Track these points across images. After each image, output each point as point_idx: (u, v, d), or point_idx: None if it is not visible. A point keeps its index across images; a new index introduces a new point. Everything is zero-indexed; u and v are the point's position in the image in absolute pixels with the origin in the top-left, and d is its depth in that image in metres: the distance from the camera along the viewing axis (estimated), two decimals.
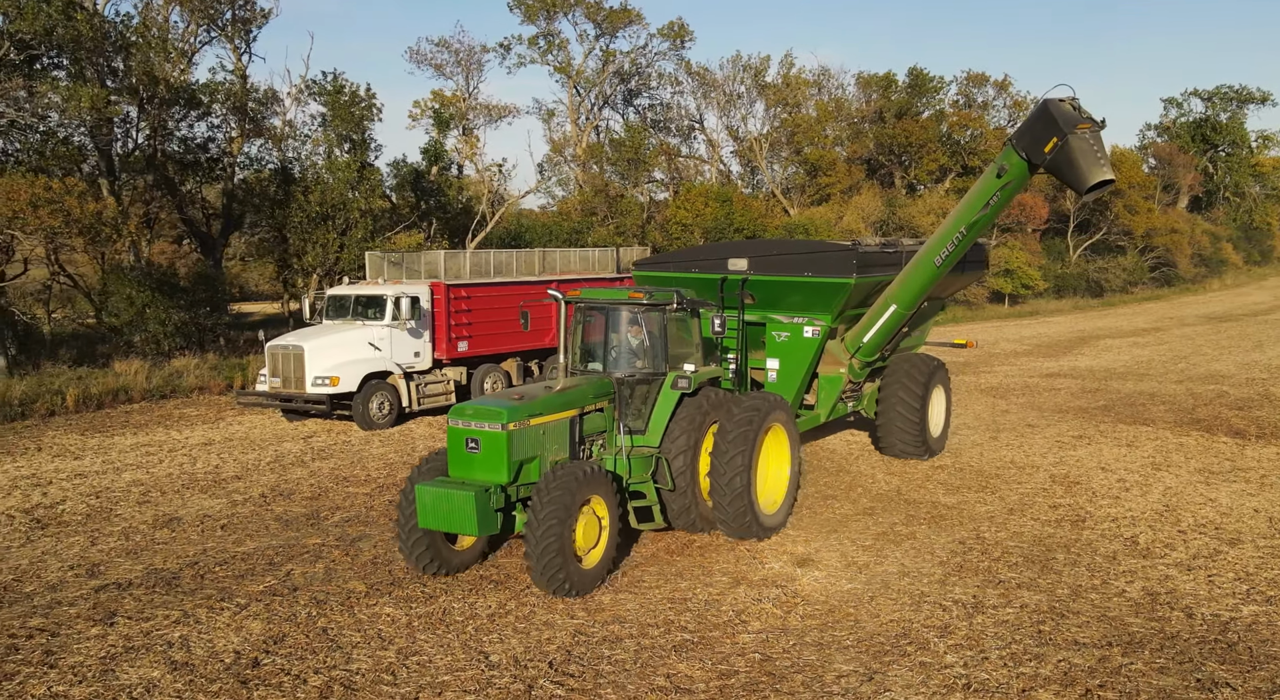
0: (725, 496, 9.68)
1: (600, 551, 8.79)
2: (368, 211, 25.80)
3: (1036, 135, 10.38)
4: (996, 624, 8.17)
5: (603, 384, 9.76)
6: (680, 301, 10.02)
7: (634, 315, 10.05)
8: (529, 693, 7.02)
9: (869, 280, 12.39)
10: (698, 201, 40.87)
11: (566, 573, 8.28)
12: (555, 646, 7.79)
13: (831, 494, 12.38)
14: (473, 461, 8.58)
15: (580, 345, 10.30)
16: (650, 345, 10.04)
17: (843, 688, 7.06)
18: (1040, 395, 20.25)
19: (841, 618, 8.36)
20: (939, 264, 11.81)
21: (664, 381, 9.86)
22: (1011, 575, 9.35)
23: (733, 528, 9.92)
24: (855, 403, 14.25)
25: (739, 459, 9.61)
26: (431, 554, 8.84)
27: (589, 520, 8.61)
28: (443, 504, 8.28)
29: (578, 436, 9.40)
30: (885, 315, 12.63)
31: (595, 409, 9.63)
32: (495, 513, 8.43)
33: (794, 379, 12.89)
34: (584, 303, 10.25)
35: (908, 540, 10.45)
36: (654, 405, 9.85)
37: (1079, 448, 14.96)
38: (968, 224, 11.36)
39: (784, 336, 12.88)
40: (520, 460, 8.68)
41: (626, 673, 7.34)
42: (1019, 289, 50.02)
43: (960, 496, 12.22)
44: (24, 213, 17.15)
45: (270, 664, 7.42)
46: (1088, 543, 10.30)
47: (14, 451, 14.94)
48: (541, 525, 8.08)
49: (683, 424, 9.74)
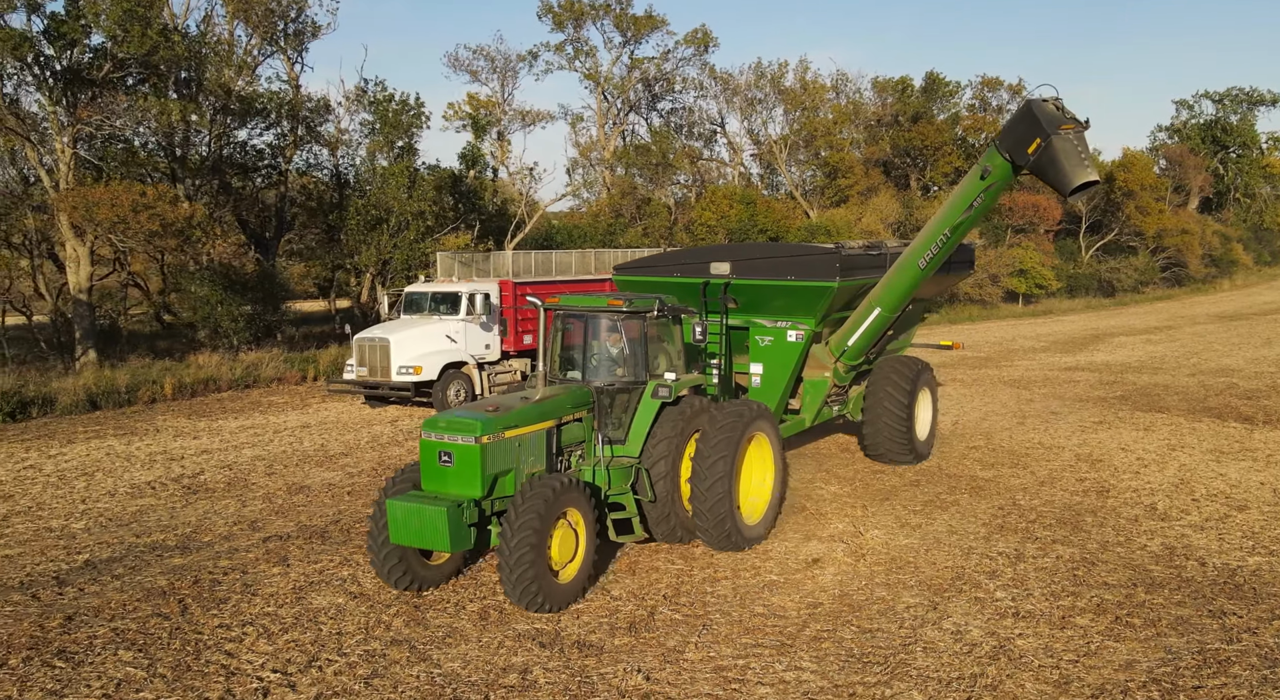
0: (705, 503, 9.47)
1: (577, 565, 8.54)
2: (420, 214, 27.31)
3: (1020, 136, 10.22)
4: (1037, 570, 9.59)
5: (581, 393, 9.49)
6: (661, 308, 9.78)
7: (613, 323, 9.80)
8: (651, 617, 8.47)
9: (852, 283, 12.18)
10: (722, 203, 42.31)
11: (541, 588, 8.03)
12: (665, 585, 9.24)
13: (879, 469, 13.80)
14: (446, 475, 8.29)
15: (560, 353, 10.03)
16: (630, 353, 9.79)
17: (913, 615, 8.48)
18: (1061, 386, 21.62)
19: (903, 564, 9.79)
20: (923, 266, 11.64)
21: (644, 390, 9.64)
22: (1046, 534, 10.75)
23: (713, 537, 9.69)
24: (841, 406, 13.95)
25: (720, 465, 9.42)
26: (404, 569, 8.53)
27: (565, 533, 8.37)
28: (415, 519, 8.01)
29: (555, 448, 9.16)
30: (870, 318, 12.45)
31: (574, 419, 9.38)
32: (469, 528, 8.17)
33: (778, 383, 12.67)
34: (563, 310, 9.98)
35: (952, 506, 11.87)
36: (634, 414, 9.62)
37: (1100, 431, 16.35)
38: (952, 226, 11.20)
39: (767, 341, 12.67)
40: (495, 473, 8.42)
41: (729, 603, 8.78)
42: (1033, 289, 51.21)
43: (995, 471, 13.63)
44: (128, 218, 18.71)
45: (430, 594, 8.90)
46: (1112, 509, 11.70)
47: (137, 432, 16.52)
48: (515, 540, 7.83)
49: (663, 433, 9.49)
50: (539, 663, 7.51)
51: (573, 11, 42.95)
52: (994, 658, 7.61)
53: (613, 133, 45.74)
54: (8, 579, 9.50)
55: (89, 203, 18.75)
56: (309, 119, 29.17)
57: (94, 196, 18.88)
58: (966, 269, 15.30)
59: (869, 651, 7.77)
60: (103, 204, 18.51)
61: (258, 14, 25.19)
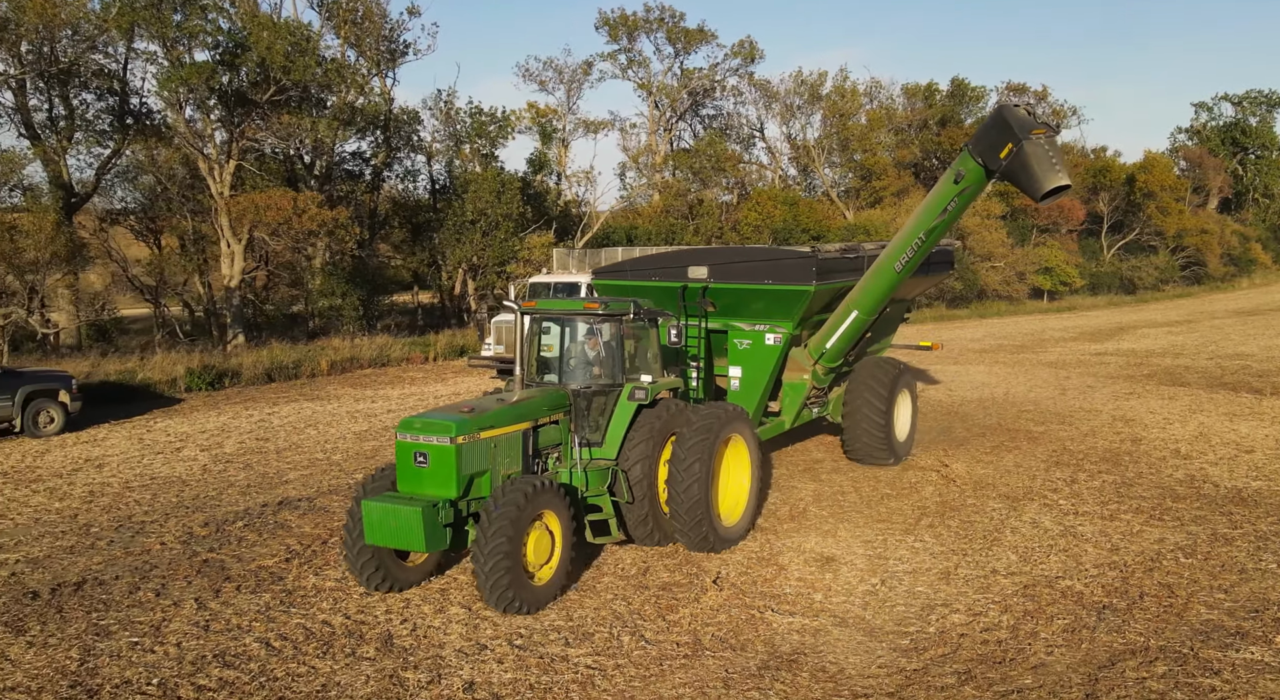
0: (682, 506, 9.48)
1: (553, 567, 8.55)
2: (508, 216, 30.41)
3: (992, 141, 10.30)
4: (1088, 488, 12.52)
5: (558, 396, 9.49)
6: (637, 311, 9.78)
7: (589, 326, 9.81)
8: (804, 513, 11.47)
9: (829, 287, 12.25)
10: (767, 204, 45.26)
11: (516, 590, 8.06)
12: (807, 495, 12.25)
13: (949, 425, 16.74)
14: (421, 476, 8.31)
15: (537, 356, 10.03)
16: (606, 356, 9.80)
17: (998, 514, 11.44)
18: (1093, 367, 24.45)
19: (984, 485, 12.74)
20: (899, 270, 11.75)
21: (621, 393, 9.66)
22: (1093, 466, 13.68)
23: (690, 539, 9.70)
24: (821, 408, 13.99)
25: (696, 467, 9.43)
26: (379, 570, 8.59)
27: (540, 536, 8.37)
28: (389, 520, 8.05)
29: (532, 449, 9.18)
30: (847, 321, 12.52)
31: (550, 422, 9.40)
32: (444, 528, 8.21)
33: (757, 386, 12.73)
34: (539, 313, 9.94)
35: (1015, 450, 14.81)
36: (611, 417, 9.62)
37: (1131, 399, 19.22)
38: (926, 230, 11.27)
39: (746, 344, 12.73)
40: (470, 474, 8.44)
41: (856, 506, 11.78)
42: (1057, 286, 53.80)
43: (1046, 427, 16.55)
44: (291, 219, 21.84)
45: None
46: (1144, 451, 14.61)
47: (322, 398, 19.78)
48: (490, 543, 7.86)
49: (640, 436, 9.49)
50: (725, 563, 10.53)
51: (628, 24, 46.00)
52: (1062, 536, 10.57)
53: (663, 138, 48.75)
54: (326, 486, 12.75)
55: (257, 207, 21.90)
56: (405, 130, 32.34)
57: (261, 201, 22.03)
58: (945, 270, 15.44)
59: (970, 533, 10.74)
60: (270, 208, 21.65)
61: (371, 40, 28.34)
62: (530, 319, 9.94)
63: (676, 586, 9.15)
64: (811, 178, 57.23)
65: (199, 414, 18.22)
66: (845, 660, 7.63)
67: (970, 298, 50.16)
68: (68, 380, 16.21)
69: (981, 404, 18.71)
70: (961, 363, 25.80)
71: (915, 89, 58.19)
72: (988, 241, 50.86)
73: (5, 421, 15.49)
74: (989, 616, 8.43)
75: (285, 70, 21.49)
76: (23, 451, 14.99)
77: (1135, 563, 9.70)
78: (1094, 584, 9.14)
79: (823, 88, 52.37)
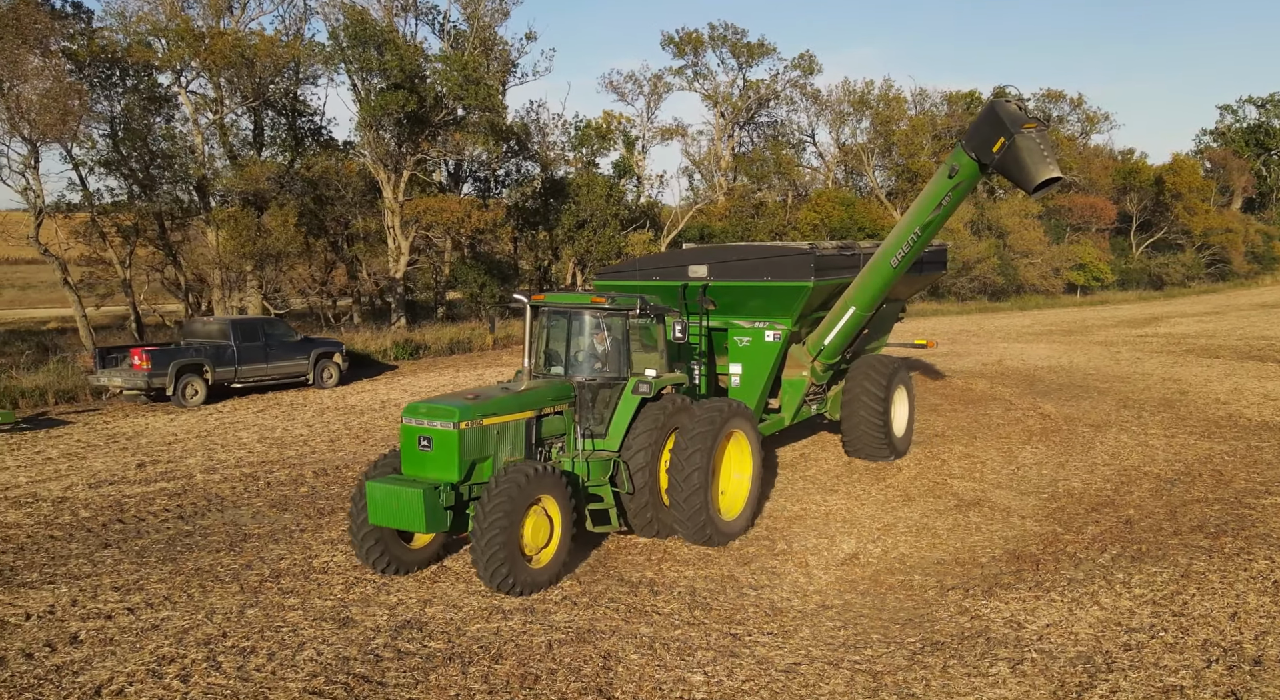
0: (681, 494, 9.56)
1: (552, 551, 8.71)
2: (615, 215, 34.66)
3: (985, 136, 10.41)
4: (1152, 420, 16.58)
5: (563, 387, 9.68)
6: (644, 307, 9.89)
7: (596, 320, 9.97)
8: (943, 435, 15.60)
9: (827, 283, 12.40)
10: (825, 205, 49.32)
11: (512, 571, 8.24)
12: (940, 423, 16.38)
13: (1032, 383, 20.80)
14: (425, 459, 8.54)
15: (544, 349, 10.17)
16: (612, 350, 9.96)
17: (1087, 436, 15.51)
18: (1137, 346, 28.43)
19: (1072, 419, 16.79)
20: (895, 265, 11.86)
21: (625, 386, 9.82)
22: (1153, 408, 17.71)
23: (689, 531, 9.77)
24: (820, 405, 14.14)
25: (697, 457, 9.54)
26: (383, 551, 8.81)
27: (539, 520, 8.55)
28: (392, 501, 8.26)
29: (534, 438, 9.37)
30: (845, 317, 12.64)
31: (554, 412, 9.58)
32: (445, 510, 8.39)
33: (757, 383, 12.87)
34: (547, 306, 10.09)
35: (1088, 399, 18.86)
36: (614, 410, 9.77)
37: (1175, 367, 23.23)
38: (921, 225, 11.38)
39: (746, 341, 12.86)
40: (472, 459, 8.64)
41: (979, 431, 15.88)
42: (1090, 281, 57.54)
43: (1109, 384, 20.61)
44: (462, 220, 26.08)
45: None
46: (1191, 399, 18.64)
47: (499, 364, 23.97)
48: (487, 523, 8.06)
49: (643, 428, 9.66)
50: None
51: (693, 41, 50.19)
52: (1138, 446, 14.66)
53: (727, 145, 52.92)
54: None
55: (432, 209, 26.15)
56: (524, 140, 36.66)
57: (434, 205, 26.26)
58: (939, 269, 15.84)
59: (1071, 444, 14.84)
60: (444, 211, 25.89)
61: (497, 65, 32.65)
62: (537, 312, 10.07)
63: (881, 467, 13.35)
64: (859, 179, 61.24)
65: (422, 375, 22.63)
66: (1009, 503, 11.79)
67: (1010, 292, 54.02)
68: (340, 346, 20.71)
69: (1052, 370, 22.79)
70: (1022, 342, 29.83)
71: (956, 96, 62.02)
72: (1026, 239, 54.69)
73: (301, 375, 19.91)
74: (1096, 485, 12.56)
75: (458, 97, 25.71)
76: (321, 397, 19.60)
77: (1193, 458, 13.81)
78: (1166, 469, 13.26)
79: (870, 95, 56.38)
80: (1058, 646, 7.58)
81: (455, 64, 26.09)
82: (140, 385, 17.49)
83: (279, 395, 19.55)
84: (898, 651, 7.56)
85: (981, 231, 54.09)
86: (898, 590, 8.99)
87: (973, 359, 25.15)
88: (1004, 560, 9.79)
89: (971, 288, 52.43)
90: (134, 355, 17.49)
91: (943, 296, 50.70)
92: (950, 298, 51.12)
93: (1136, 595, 8.66)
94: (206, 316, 22.29)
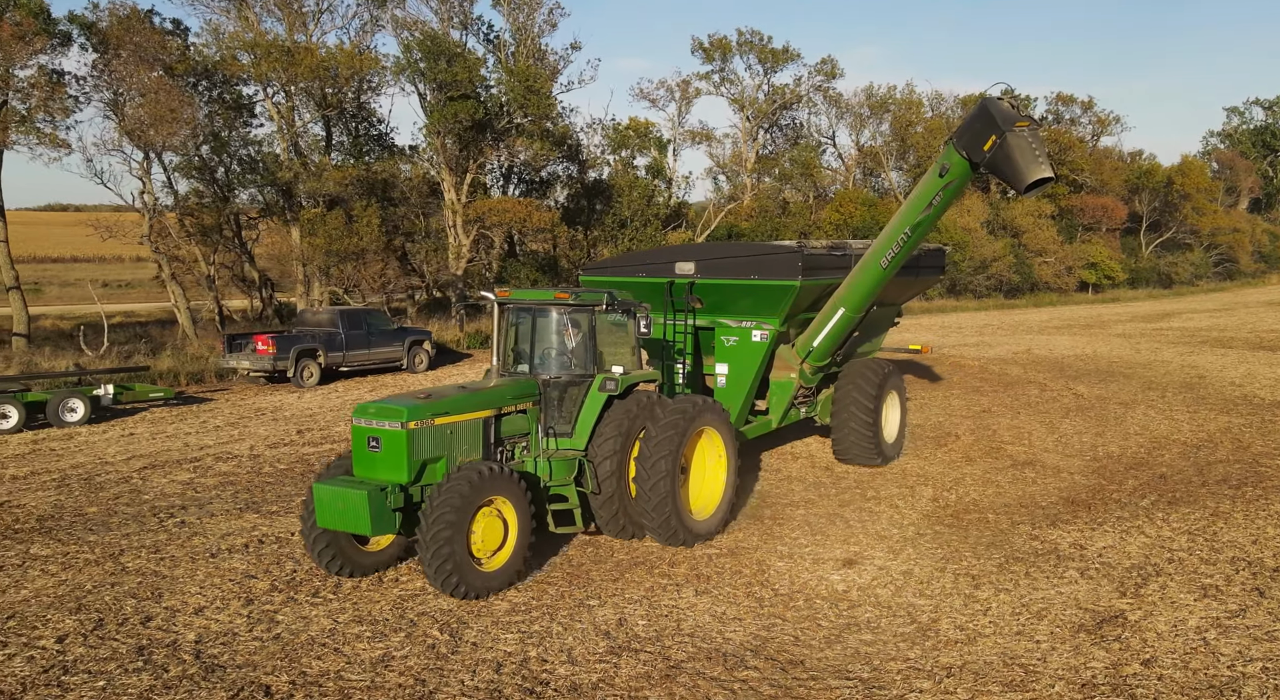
0: (649, 503, 9.34)
1: (507, 554, 8.50)
2: (656, 215, 36.61)
3: (976, 134, 10.19)
4: (1175, 399, 18.48)
5: (525, 385, 9.52)
6: (611, 302, 9.60)
7: (561, 316, 9.76)
8: (988, 411, 17.51)
9: (815, 283, 12.16)
10: (848, 205, 51.22)
11: (460, 574, 8.00)
12: (981, 405, 18.29)
13: (1061, 369, 22.72)
14: (374, 460, 8.39)
15: (512, 347, 10.02)
16: (579, 346, 9.76)
17: (1119, 410, 17.42)
18: (1154, 338, 30.31)
19: (1103, 398, 18.68)
20: (885, 266, 11.65)
21: (592, 384, 9.61)
22: (1175, 389, 19.61)
23: (659, 534, 9.58)
24: (810, 408, 13.84)
25: (662, 465, 9.28)
26: (334, 553, 8.58)
27: (491, 522, 8.35)
28: (338, 503, 8.11)
29: (493, 438, 9.15)
30: (834, 319, 12.43)
31: (516, 411, 9.37)
32: (393, 513, 8.20)
33: (743, 384, 12.65)
34: (513, 303, 9.93)
35: (1115, 382, 20.77)
36: (581, 407, 9.58)
37: (1192, 355, 25.12)
38: (912, 225, 11.16)
39: (732, 341, 12.62)
40: (422, 460, 8.45)
41: (1019, 409, 17.79)
42: (1102, 279, 59.38)
43: (1132, 369, 22.53)
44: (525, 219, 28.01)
45: None
46: (1209, 382, 20.54)
47: None
48: (433, 525, 7.87)
49: (610, 427, 9.45)
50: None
51: (722, 47, 52.12)
52: (1165, 419, 16.57)
53: (752, 147, 54.85)
54: None
55: (496, 209, 28.10)
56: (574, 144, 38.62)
57: (499, 205, 28.23)
58: (936, 273, 15.46)
59: (1104, 418, 16.74)
60: (508, 211, 27.85)
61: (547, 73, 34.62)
62: (504, 309, 9.93)
63: (941, 435, 15.27)
64: (876, 179, 63.12)
65: None
66: (1057, 463, 13.70)
67: (1024, 289, 55.88)
68: (429, 335, 22.75)
69: (1078, 358, 24.70)
70: (1045, 334, 31.74)
71: (971, 99, 63.84)
72: (1040, 238, 56.58)
73: (397, 360, 21.90)
74: (1131, 450, 14.47)
75: (521, 106, 27.67)
76: (417, 379, 21.64)
77: (1215, 429, 15.73)
78: (1191, 437, 15.18)
79: (891, 100, 58.27)
80: (1115, 560, 9.49)
81: (520, 76, 28.06)
82: (266, 368, 19.48)
83: (380, 378, 21.57)
84: (988, 562, 9.48)
85: (997, 231, 55.97)
86: (976, 524, 10.90)
87: (1002, 348, 27.08)
88: (1060, 504, 11.70)
89: (988, 285, 54.30)
90: (258, 341, 19.49)
91: (960, 294, 52.57)
92: (968, 295, 52.97)
93: (1175, 527, 10.57)
94: (315, 307, 24.25)
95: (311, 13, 29.38)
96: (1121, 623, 7.90)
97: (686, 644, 7.56)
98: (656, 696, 6.71)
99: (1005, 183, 10.26)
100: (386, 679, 6.92)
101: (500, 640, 7.63)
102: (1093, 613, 8.12)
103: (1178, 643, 7.51)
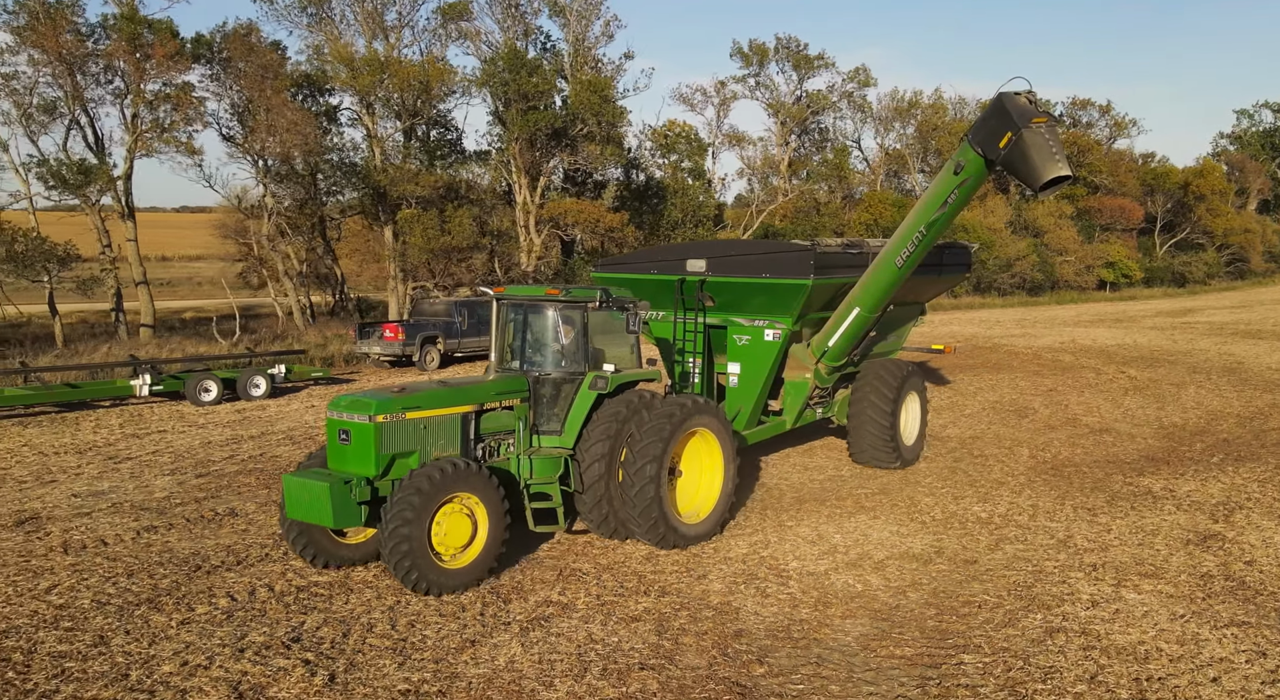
0: (635, 508, 9.26)
1: (476, 551, 8.44)
2: (708, 216, 38.63)
3: (992, 130, 9.98)
4: (1221, 381, 20.44)
5: (511, 382, 9.44)
6: (605, 299, 9.54)
7: (553, 313, 9.72)
8: (1026, 422, 19.51)
9: (829, 282, 11.94)
10: (878, 205, 53.23)
11: (420, 570, 8.02)
12: (1001, 406, 20.28)
13: (1110, 357, 24.68)
14: (345, 453, 8.45)
15: (507, 343, 9.98)
16: (570, 343, 9.66)
17: (1173, 390, 19.38)
18: (1185, 330, 32.29)
19: (1154, 381, 20.66)
20: (900, 265, 11.43)
21: (582, 381, 9.53)
22: (1218, 374, 21.56)
23: (649, 538, 9.48)
24: (826, 409, 13.63)
25: (647, 469, 9.17)
26: (307, 542, 8.67)
27: (457, 519, 8.32)
28: (304, 494, 8.19)
29: (472, 434, 9.12)
30: (849, 318, 12.18)
31: (501, 407, 9.35)
32: (358, 505, 8.22)
33: (755, 384, 12.48)
34: (507, 300, 9.92)
35: (1161, 367, 22.73)
36: (571, 405, 9.54)
37: (1226, 345, 27.11)
38: (927, 223, 10.96)
39: (745, 340, 12.41)
40: (392, 454, 8.48)
41: (1084, 389, 19.78)
42: (1119, 278, 61.34)
43: (1174, 357, 24.52)
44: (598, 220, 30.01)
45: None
46: (1248, 368, 22.51)
47: None
48: (390, 522, 7.91)
49: (600, 426, 9.37)
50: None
51: (760, 53, 54.20)
52: (1216, 398, 18.53)
53: (785, 150, 56.91)
54: None
55: (571, 211, 30.08)
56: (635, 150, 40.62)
57: (570, 207, 30.24)
58: (962, 270, 15.30)
59: (1161, 397, 18.70)
60: (582, 212, 29.85)
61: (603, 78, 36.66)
62: (500, 306, 9.95)
63: (1020, 408, 17.25)
64: (900, 180, 65.13)
65: None
66: (1130, 431, 15.66)
67: (1046, 287, 57.84)
68: None
69: (1121, 347, 26.69)
70: (1081, 327, 33.72)
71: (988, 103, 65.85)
72: (1061, 238, 58.55)
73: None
74: (1192, 421, 16.44)
75: (595, 113, 29.68)
76: None
77: (1263, 404, 17.73)
78: (1243, 411, 17.18)
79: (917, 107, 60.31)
80: (1201, 499, 11.48)
81: (594, 86, 30.08)
82: (395, 353, 21.46)
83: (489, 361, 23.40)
84: (1097, 498, 11.48)
85: (1019, 231, 57.94)
86: (1075, 474, 12.88)
87: (1048, 339, 29.07)
88: (1142, 461, 13.68)
89: (1012, 283, 56.26)
90: (386, 329, 21.48)
91: (985, 292, 54.53)
92: (992, 293, 54.92)
93: (1245, 477, 12.56)
94: (433, 298, 26.11)
95: (392, 27, 31.44)
96: (1220, 539, 9.90)
97: (879, 549, 9.58)
98: (876, 579, 8.73)
99: (1021, 181, 10.22)
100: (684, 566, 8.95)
101: (733, 547, 9.66)
102: (1195, 533, 10.12)
103: (1269, 552, 9.50)
